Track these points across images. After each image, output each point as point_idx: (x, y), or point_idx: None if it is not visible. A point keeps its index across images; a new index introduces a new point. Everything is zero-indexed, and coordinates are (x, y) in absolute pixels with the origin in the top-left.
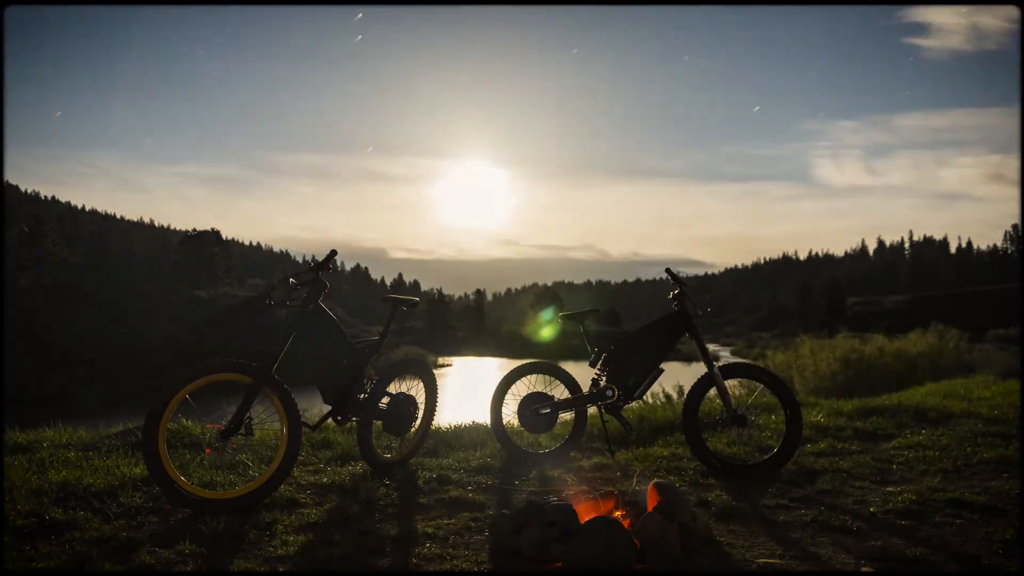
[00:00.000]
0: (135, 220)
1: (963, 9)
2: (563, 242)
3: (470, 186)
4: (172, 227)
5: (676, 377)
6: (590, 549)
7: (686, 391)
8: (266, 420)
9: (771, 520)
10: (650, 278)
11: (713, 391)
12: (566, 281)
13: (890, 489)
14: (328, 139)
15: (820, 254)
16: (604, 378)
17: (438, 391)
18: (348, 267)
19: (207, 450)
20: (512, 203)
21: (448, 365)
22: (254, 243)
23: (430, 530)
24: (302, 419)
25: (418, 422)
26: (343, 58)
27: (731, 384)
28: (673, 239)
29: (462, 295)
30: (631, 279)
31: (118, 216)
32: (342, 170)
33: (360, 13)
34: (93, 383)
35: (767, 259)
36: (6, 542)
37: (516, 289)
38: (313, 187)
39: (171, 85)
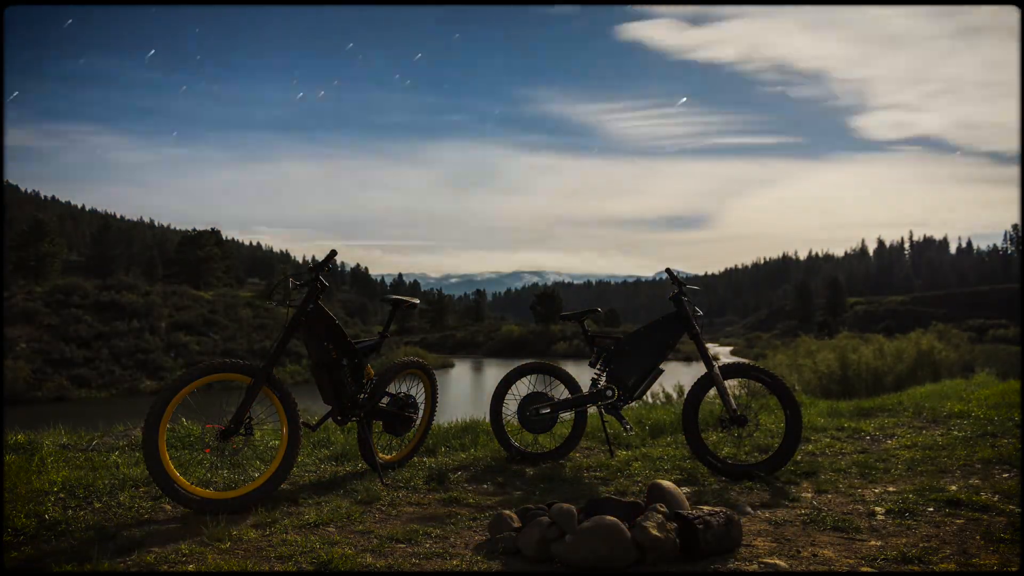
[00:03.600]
0: (135, 220)
1: None
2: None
3: None
4: (172, 227)
5: (676, 377)
6: (590, 549)
7: (686, 391)
8: (266, 420)
9: (770, 520)
10: (650, 278)
11: (713, 391)
12: (566, 281)
13: (890, 489)
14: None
15: (820, 254)
16: (604, 378)
17: (438, 391)
18: (348, 267)
19: (207, 450)
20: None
21: (449, 365)
22: (254, 243)
23: (430, 530)
24: (302, 419)
25: (418, 422)
26: None
27: (731, 384)
28: None
29: (462, 295)
30: (631, 279)
31: (118, 216)
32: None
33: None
34: (93, 383)
35: (766, 259)
36: (6, 542)
37: (516, 289)
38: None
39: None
